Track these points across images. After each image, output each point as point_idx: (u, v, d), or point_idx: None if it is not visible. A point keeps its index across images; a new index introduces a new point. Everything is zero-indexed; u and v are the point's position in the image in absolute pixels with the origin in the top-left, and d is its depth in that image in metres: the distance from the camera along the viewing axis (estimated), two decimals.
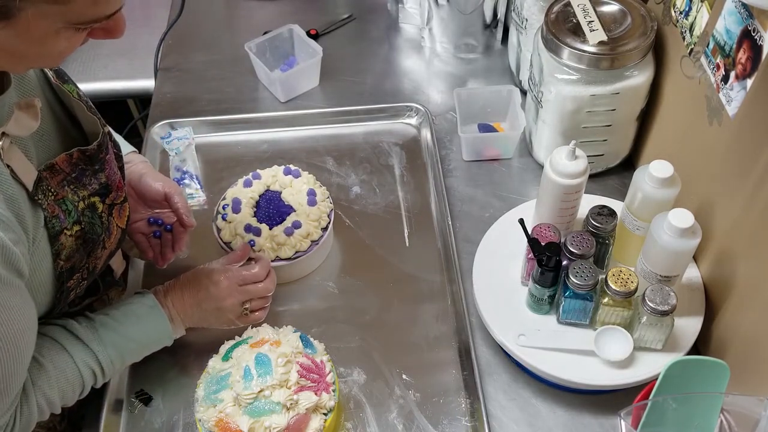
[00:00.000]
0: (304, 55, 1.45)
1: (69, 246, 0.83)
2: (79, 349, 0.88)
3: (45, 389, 0.84)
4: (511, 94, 1.32)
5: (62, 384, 0.86)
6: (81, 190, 0.85)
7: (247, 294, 1.02)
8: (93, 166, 0.87)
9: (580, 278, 0.94)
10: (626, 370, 0.97)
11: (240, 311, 1.02)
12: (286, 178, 1.18)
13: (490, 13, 1.43)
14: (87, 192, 0.86)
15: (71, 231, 0.83)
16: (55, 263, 0.82)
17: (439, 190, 1.25)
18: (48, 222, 0.79)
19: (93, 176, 0.87)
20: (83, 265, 0.87)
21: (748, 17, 0.86)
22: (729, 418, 0.85)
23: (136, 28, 1.67)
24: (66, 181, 0.82)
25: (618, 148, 1.24)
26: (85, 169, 0.85)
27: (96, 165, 0.87)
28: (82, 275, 0.88)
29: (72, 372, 0.87)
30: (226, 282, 1.00)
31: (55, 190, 0.81)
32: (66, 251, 0.83)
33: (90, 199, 0.86)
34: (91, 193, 0.86)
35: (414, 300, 1.14)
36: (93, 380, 0.90)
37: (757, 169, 0.88)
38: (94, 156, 0.87)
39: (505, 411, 1.01)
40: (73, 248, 0.84)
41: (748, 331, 0.93)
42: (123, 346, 0.92)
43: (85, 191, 0.85)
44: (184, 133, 1.35)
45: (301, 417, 0.90)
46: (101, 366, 0.89)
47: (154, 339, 0.97)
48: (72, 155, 0.83)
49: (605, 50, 1.07)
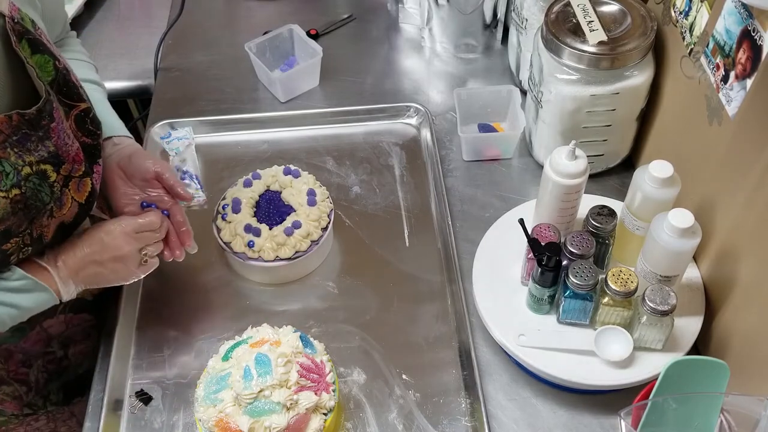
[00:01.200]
0: (304, 55, 1.45)
1: (3, 208, 0.83)
2: None
3: None
4: (511, 94, 1.32)
5: None
6: (27, 155, 0.85)
7: (143, 240, 0.99)
8: (37, 132, 0.86)
9: (580, 278, 0.94)
10: (626, 370, 0.97)
11: (139, 259, 0.99)
12: (286, 178, 1.18)
13: (490, 13, 1.43)
14: (34, 158, 0.86)
15: (7, 193, 0.83)
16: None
17: (439, 190, 1.25)
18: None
19: (39, 143, 0.87)
20: (23, 230, 0.87)
21: (747, 17, 0.86)
22: (729, 418, 0.85)
23: (136, 28, 1.67)
24: (8, 143, 0.83)
25: (618, 148, 1.24)
26: (29, 134, 0.85)
27: (40, 131, 0.87)
28: (23, 240, 0.88)
29: None
30: (120, 229, 0.97)
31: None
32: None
33: (39, 165, 0.86)
34: (39, 160, 0.86)
35: (414, 300, 1.14)
36: None
37: (757, 169, 0.88)
38: (35, 121, 0.86)
39: (505, 411, 1.01)
40: (8, 211, 0.84)
41: (748, 331, 0.93)
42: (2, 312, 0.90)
43: (31, 157, 0.85)
44: (184, 133, 1.35)
45: (301, 417, 0.90)
46: None
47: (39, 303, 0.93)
48: (11, 117, 0.83)
49: (605, 50, 1.07)
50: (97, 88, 1.11)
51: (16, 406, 1.11)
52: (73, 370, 1.16)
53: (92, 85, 1.10)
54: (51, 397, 1.15)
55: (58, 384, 1.15)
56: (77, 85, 0.94)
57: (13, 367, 1.06)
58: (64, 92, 0.92)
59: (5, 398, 1.08)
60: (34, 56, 0.88)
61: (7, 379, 1.07)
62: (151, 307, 1.14)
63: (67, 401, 1.18)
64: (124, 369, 1.07)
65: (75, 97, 0.94)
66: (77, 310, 1.12)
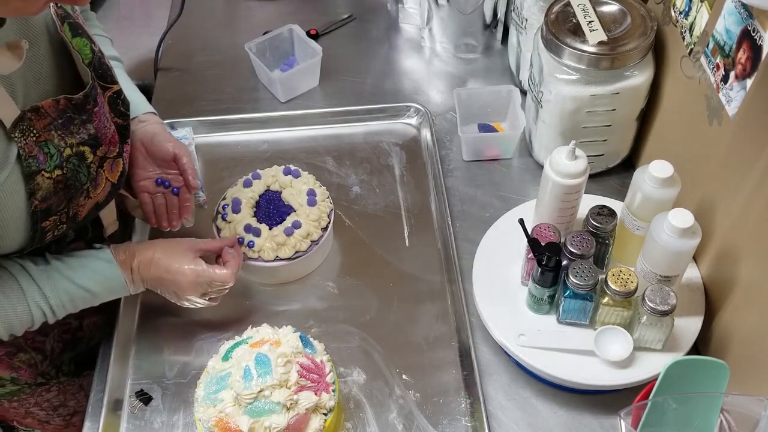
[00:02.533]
0: (304, 55, 1.45)
1: (45, 188, 0.86)
2: (33, 290, 0.91)
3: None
4: (511, 94, 1.32)
5: (11, 317, 0.90)
6: (69, 138, 0.88)
7: (209, 287, 1.02)
8: (81, 116, 0.90)
9: (580, 278, 0.94)
10: (626, 370, 0.97)
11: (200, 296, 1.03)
12: (286, 178, 1.18)
13: (490, 13, 1.43)
14: (75, 140, 0.89)
15: (51, 174, 0.86)
16: (29, 201, 0.85)
17: (439, 190, 1.25)
18: (23, 160, 0.82)
19: (81, 126, 0.90)
20: (62, 209, 0.90)
21: (747, 17, 0.86)
22: (729, 418, 0.85)
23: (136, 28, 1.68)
24: (53, 126, 0.86)
25: (618, 148, 1.24)
26: (73, 118, 0.88)
27: (84, 115, 0.90)
28: (60, 218, 0.91)
29: (22, 309, 0.90)
30: (194, 278, 1.00)
31: (39, 132, 0.84)
32: (42, 192, 0.86)
33: (79, 147, 0.89)
34: (79, 142, 0.89)
35: (414, 300, 1.14)
36: (43, 319, 0.93)
37: (757, 169, 0.88)
38: (81, 105, 0.89)
39: (505, 411, 1.01)
40: (50, 191, 0.87)
41: (748, 331, 0.93)
42: (75, 294, 0.94)
43: (73, 139, 0.88)
44: (184, 133, 1.35)
45: (301, 417, 0.90)
46: (52, 309, 0.92)
47: (108, 290, 0.98)
48: (59, 101, 0.86)
49: (605, 50, 1.07)
50: (119, 65, 1.13)
51: (30, 375, 1.12)
52: (86, 341, 1.18)
53: (115, 62, 1.12)
54: (63, 368, 1.17)
55: (71, 354, 1.17)
56: (110, 67, 0.98)
57: (30, 335, 1.07)
58: (99, 74, 0.95)
59: (21, 365, 1.10)
60: (74, 39, 0.92)
61: (24, 347, 1.08)
62: (151, 307, 1.14)
63: (77, 373, 1.20)
64: (124, 369, 1.07)
65: (108, 79, 0.97)
66: None
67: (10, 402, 1.16)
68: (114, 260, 0.97)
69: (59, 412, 1.23)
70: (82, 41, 0.92)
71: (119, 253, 0.99)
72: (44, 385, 1.16)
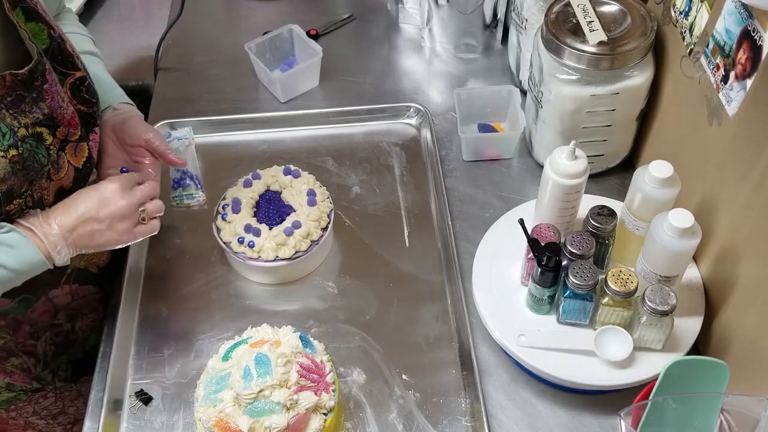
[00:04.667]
0: (304, 55, 1.45)
1: (2, 167, 0.85)
2: None
3: None
4: (511, 94, 1.32)
5: None
6: (22, 117, 0.87)
7: (140, 196, 0.99)
8: (30, 94, 0.88)
9: (580, 278, 0.94)
10: (626, 370, 0.97)
11: (137, 217, 0.98)
12: (286, 178, 1.18)
13: (490, 13, 1.43)
14: (29, 120, 0.88)
15: (6, 153, 0.85)
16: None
17: (439, 190, 1.25)
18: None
19: (34, 104, 0.89)
20: (24, 191, 0.89)
21: (747, 17, 0.86)
22: (729, 418, 0.85)
23: (136, 28, 1.67)
24: (2, 104, 0.85)
25: (618, 148, 1.24)
26: (23, 95, 0.87)
27: (33, 93, 0.89)
28: (25, 202, 0.90)
29: None
30: (116, 184, 0.96)
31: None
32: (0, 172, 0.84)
33: (35, 128, 0.89)
34: (34, 122, 0.89)
35: (414, 300, 1.14)
36: None
37: (757, 169, 0.88)
38: (28, 82, 0.88)
39: (505, 411, 1.01)
40: (8, 171, 0.85)
41: (748, 331, 0.93)
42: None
43: (26, 119, 0.88)
44: (184, 133, 1.35)
45: (301, 417, 0.90)
46: None
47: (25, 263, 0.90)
48: (5, 77, 0.85)
49: (605, 50, 1.07)
50: (95, 60, 1.12)
51: (24, 379, 1.12)
52: (81, 344, 1.17)
53: (91, 56, 1.11)
54: (59, 373, 1.16)
55: (66, 358, 1.16)
56: (72, 54, 0.96)
57: (21, 339, 1.07)
58: (59, 60, 0.94)
59: (14, 370, 1.09)
60: (28, 24, 0.91)
61: (15, 351, 1.08)
62: (151, 307, 1.14)
63: (74, 378, 1.20)
64: (124, 369, 1.07)
65: (70, 65, 0.96)
66: (83, 281, 1.12)
67: (7, 412, 1.15)
68: (15, 228, 0.90)
69: (59, 421, 1.22)
70: (38, 26, 0.91)
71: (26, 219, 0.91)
72: (40, 390, 1.16)
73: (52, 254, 0.92)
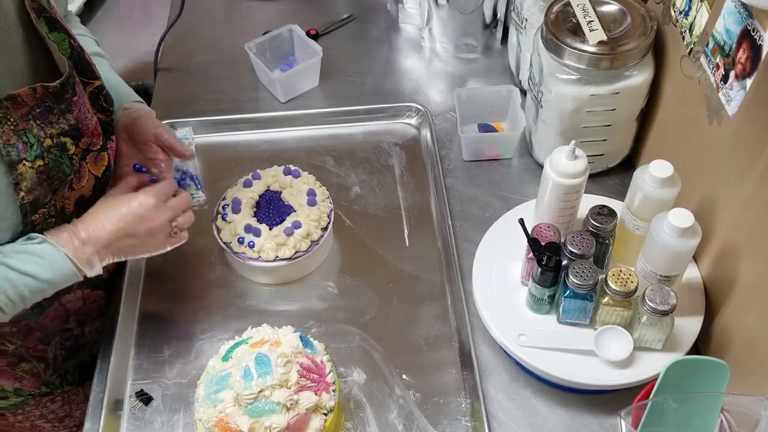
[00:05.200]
0: (304, 55, 1.45)
1: (30, 178, 0.85)
2: None
3: None
4: (511, 94, 1.32)
5: None
6: (48, 128, 0.88)
7: (173, 210, 0.99)
8: (59, 105, 0.89)
9: (580, 278, 0.94)
10: (626, 370, 0.97)
11: (169, 230, 0.99)
12: (286, 178, 1.18)
13: (490, 13, 1.43)
14: (55, 131, 0.89)
15: (33, 164, 0.85)
16: (15, 193, 0.85)
17: (439, 190, 1.25)
18: (2, 149, 0.82)
19: (61, 115, 0.89)
20: (48, 201, 0.90)
21: (747, 17, 0.86)
22: (729, 418, 0.85)
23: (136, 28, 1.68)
24: (31, 116, 0.86)
25: (618, 148, 1.24)
26: (52, 107, 0.88)
27: (62, 104, 0.90)
28: (48, 211, 0.91)
29: None
30: (153, 200, 0.96)
31: (16, 120, 0.84)
32: (27, 183, 0.85)
33: (60, 138, 0.89)
34: (60, 133, 0.89)
35: (414, 300, 1.14)
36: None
37: (757, 168, 0.88)
38: (58, 94, 0.89)
39: (505, 411, 1.01)
40: (35, 181, 0.86)
41: (748, 331, 0.93)
42: (17, 281, 0.87)
43: (53, 129, 0.88)
44: (184, 133, 1.34)
45: (301, 417, 0.90)
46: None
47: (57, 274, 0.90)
48: (35, 90, 0.86)
49: (605, 50, 1.07)
50: (103, 61, 1.12)
51: (34, 384, 1.12)
52: (89, 348, 1.17)
53: (98, 57, 1.11)
54: (67, 377, 1.16)
55: (74, 362, 1.16)
56: (90, 63, 0.97)
57: (32, 344, 1.07)
58: (78, 69, 0.95)
59: (24, 375, 1.09)
60: (51, 33, 0.91)
61: (26, 356, 1.08)
62: (151, 307, 1.14)
63: (81, 382, 1.20)
64: (124, 369, 1.07)
65: (89, 74, 0.97)
66: (94, 285, 1.12)
67: (14, 415, 1.15)
68: (47, 240, 0.90)
69: (65, 424, 1.22)
70: (60, 36, 0.92)
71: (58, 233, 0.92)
72: (49, 395, 1.16)
73: (84, 266, 0.92)
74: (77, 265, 0.91)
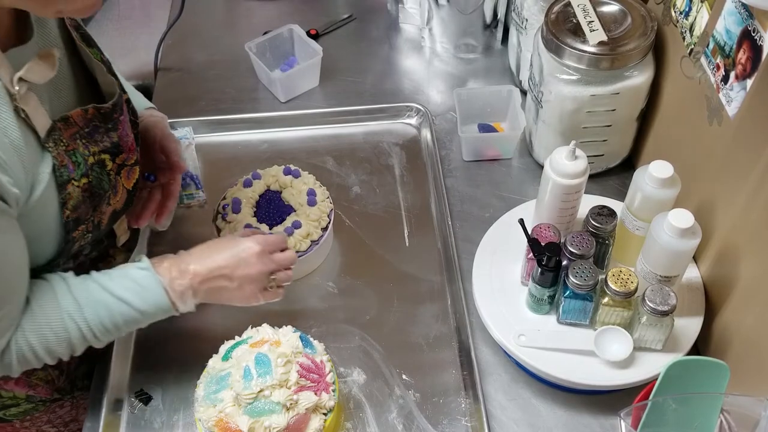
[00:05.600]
0: (304, 55, 1.45)
1: (76, 197, 0.86)
2: (68, 302, 0.86)
3: (27, 333, 0.84)
4: (511, 94, 1.32)
5: (45, 332, 0.85)
6: (92, 146, 0.88)
7: (276, 263, 0.98)
8: (106, 125, 0.90)
9: (580, 278, 0.94)
10: (626, 370, 0.97)
11: (266, 283, 0.98)
12: (286, 178, 1.18)
13: (490, 13, 1.43)
14: (98, 148, 0.89)
15: (79, 182, 0.86)
16: (62, 212, 0.85)
17: (439, 190, 1.25)
18: (56, 170, 0.82)
19: (105, 134, 0.90)
20: (88, 217, 0.90)
21: (748, 17, 0.86)
22: (729, 418, 0.85)
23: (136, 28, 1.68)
24: (78, 135, 0.86)
25: (618, 148, 1.24)
26: (99, 126, 0.89)
27: (109, 124, 0.90)
28: (87, 228, 0.91)
29: (57, 322, 0.85)
30: (258, 248, 0.95)
31: (67, 141, 0.84)
32: (73, 201, 0.85)
33: (100, 155, 0.89)
34: (101, 150, 0.89)
35: (414, 300, 1.14)
36: (81, 337, 0.87)
37: (757, 169, 0.88)
38: (109, 114, 0.90)
39: (505, 411, 1.01)
40: (80, 199, 0.87)
41: (748, 331, 0.93)
42: (113, 307, 0.87)
43: (96, 147, 0.89)
44: (184, 133, 1.34)
45: (301, 417, 0.90)
46: (88, 324, 0.87)
47: (149, 303, 0.90)
48: (87, 111, 0.87)
49: (605, 50, 1.07)
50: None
51: (47, 391, 1.11)
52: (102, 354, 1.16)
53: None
54: (77, 383, 1.16)
55: (85, 368, 1.15)
56: (117, 77, 0.98)
57: None
58: None
59: (38, 383, 1.09)
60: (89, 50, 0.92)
61: None
62: None
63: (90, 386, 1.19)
64: (124, 369, 1.07)
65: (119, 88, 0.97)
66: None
67: (22, 422, 1.14)
68: (151, 267, 0.90)
69: (70, 428, 1.21)
70: (94, 51, 0.93)
71: (160, 261, 0.92)
72: (59, 400, 1.15)
73: (177, 299, 0.91)
74: (171, 298, 0.91)
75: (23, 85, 0.77)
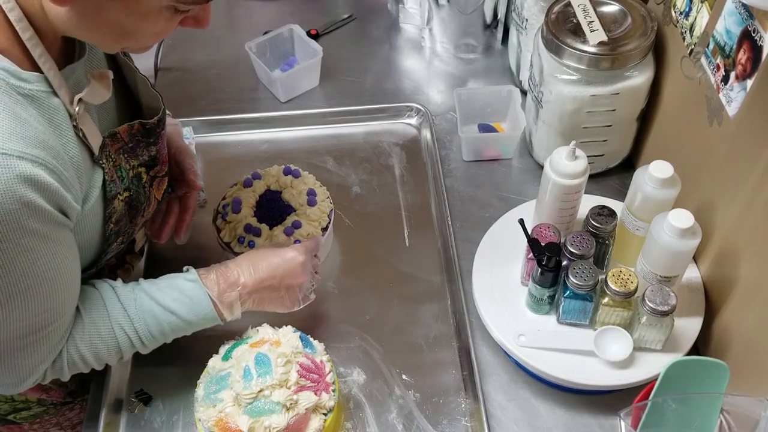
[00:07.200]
0: (304, 55, 1.45)
1: (119, 210, 0.87)
2: (117, 310, 0.88)
3: (77, 341, 0.86)
4: (511, 95, 1.32)
5: (95, 340, 0.87)
6: (132, 160, 0.89)
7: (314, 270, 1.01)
8: (148, 139, 0.91)
9: (580, 278, 0.94)
10: (626, 371, 0.97)
11: (308, 290, 1.01)
12: (286, 178, 1.18)
13: (491, 13, 1.43)
14: (137, 162, 0.90)
15: (123, 196, 0.88)
16: (105, 225, 0.86)
17: (439, 190, 1.25)
18: (106, 186, 0.84)
19: (146, 148, 0.91)
20: (126, 229, 0.92)
21: (748, 18, 0.86)
22: (729, 418, 0.85)
23: None
24: (122, 150, 0.87)
25: (618, 148, 1.24)
26: (141, 141, 0.90)
27: (151, 138, 0.92)
28: (123, 239, 0.93)
29: (107, 331, 0.87)
30: (302, 258, 0.98)
31: (114, 156, 0.85)
32: (116, 215, 0.87)
33: (138, 169, 0.91)
34: (139, 164, 0.91)
35: (414, 300, 1.14)
36: (129, 345, 0.89)
37: (757, 169, 0.88)
38: (152, 130, 0.92)
39: (505, 411, 1.01)
40: (122, 212, 0.88)
41: (748, 331, 0.93)
42: (161, 317, 0.89)
43: (135, 161, 0.90)
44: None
45: (301, 417, 0.90)
46: (138, 333, 0.89)
47: (195, 313, 0.92)
48: (133, 126, 0.88)
49: (605, 50, 1.07)
50: None
51: (60, 395, 1.12)
52: None
53: None
54: (88, 386, 1.16)
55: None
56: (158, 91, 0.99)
57: None
58: None
59: (52, 386, 1.09)
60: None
61: None
62: None
63: None
64: (124, 369, 1.07)
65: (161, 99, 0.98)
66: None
67: (31, 425, 1.14)
68: (198, 279, 0.92)
69: (77, 430, 1.21)
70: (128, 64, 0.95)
71: (207, 273, 0.93)
72: (69, 404, 1.15)
73: (225, 311, 0.94)
74: (219, 309, 0.93)
75: (81, 106, 0.79)
